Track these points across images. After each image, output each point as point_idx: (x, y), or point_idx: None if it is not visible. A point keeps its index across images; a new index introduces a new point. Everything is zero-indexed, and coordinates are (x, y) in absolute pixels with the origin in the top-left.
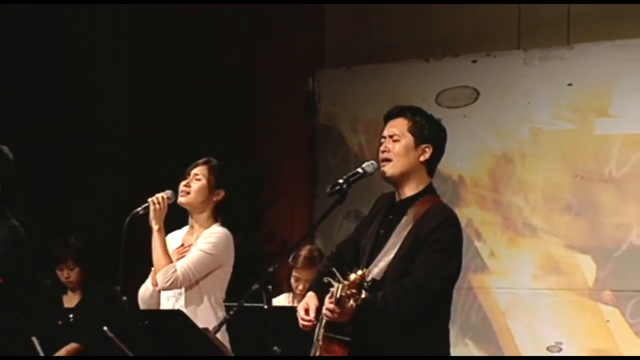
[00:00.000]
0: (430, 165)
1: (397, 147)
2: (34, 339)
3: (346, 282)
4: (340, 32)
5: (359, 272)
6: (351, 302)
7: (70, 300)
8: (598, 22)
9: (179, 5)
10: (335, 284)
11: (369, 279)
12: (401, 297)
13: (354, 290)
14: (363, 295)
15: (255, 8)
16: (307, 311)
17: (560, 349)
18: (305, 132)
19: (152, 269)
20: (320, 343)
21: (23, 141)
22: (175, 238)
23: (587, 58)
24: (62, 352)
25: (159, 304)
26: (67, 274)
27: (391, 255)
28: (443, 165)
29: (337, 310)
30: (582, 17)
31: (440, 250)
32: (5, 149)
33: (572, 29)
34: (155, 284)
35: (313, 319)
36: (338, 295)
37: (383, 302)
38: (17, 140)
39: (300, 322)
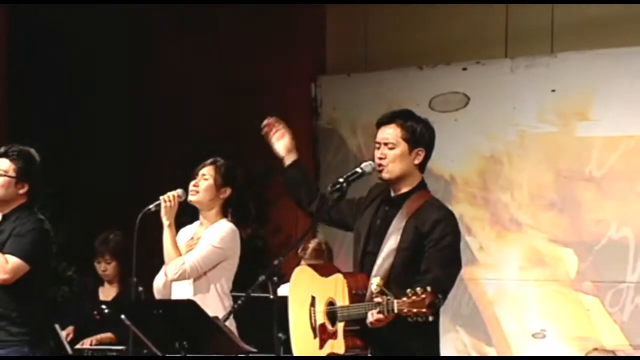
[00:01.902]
0: (423, 165)
1: (392, 155)
2: (56, 326)
3: (405, 299)
4: (340, 42)
5: (428, 289)
6: (416, 319)
7: (107, 292)
8: (580, 33)
9: (190, 14)
10: (386, 298)
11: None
12: None
13: (424, 310)
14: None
15: (262, 20)
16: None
17: (545, 336)
18: (308, 134)
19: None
20: (343, 339)
21: (55, 144)
22: (186, 232)
23: (570, 66)
24: (95, 340)
25: (171, 293)
26: (104, 267)
27: (394, 247)
28: (436, 166)
29: (385, 321)
30: (565, 28)
31: (450, 245)
32: (32, 150)
33: (556, 39)
34: (166, 275)
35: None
36: (396, 311)
37: None
38: (49, 143)
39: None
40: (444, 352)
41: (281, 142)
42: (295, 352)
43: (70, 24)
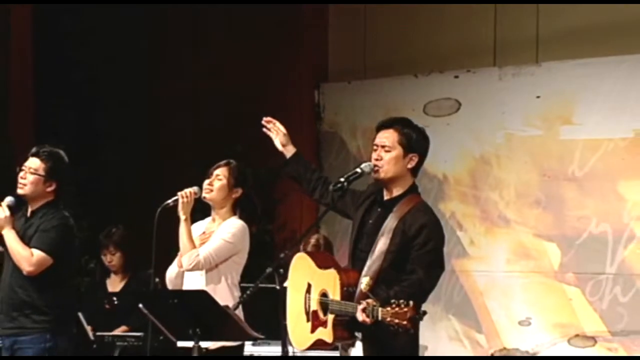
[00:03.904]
0: (415, 170)
1: (387, 157)
2: (80, 314)
3: (389, 309)
4: (341, 52)
5: (411, 304)
6: (397, 329)
7: (114, 283)
8: (563, 44)
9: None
10: (372, 303)
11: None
12: (410, 294)
13: (404, 323)
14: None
15: (270, 33)
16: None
17: (530, 324)
18: (312, 137)
19: (179, 252)
20: (332, 330)
21: (77, 145)
22: (199, 227)
23: (553, 74)
24: (113, 333)
25: (182, 283)
26: (110, 259)
27: (383, 249)
28: (430, 166)
29: (369, 323)
30: (549, 39)
31: (434, 249)
32: (62, 152)
33: (541, 49)
34: (180, 266)
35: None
36: (379, 318)
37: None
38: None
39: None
40: (437, 339)
41: (277, 139)
42: (290, 331)
43: (91, 27)
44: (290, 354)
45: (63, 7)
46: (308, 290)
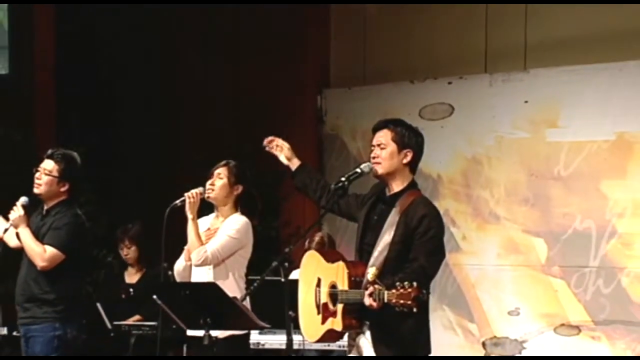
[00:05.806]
0: (412, 165)
1: (384, 154)
2: (98, 305)
3: (394, 291)
4: (342, 60)
5: (414, 285)
6: (402, 309)
7: (131, 276)
8: (549, 52)
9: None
10: (378, 287)
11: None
12: (413, 280)
13: (409, 302)
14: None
15: (276, 41)
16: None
17: (519, 314)
18: (314, 139)
19: (185, 247)
20: (342, 319)
21: (97, 148)
22: (203, 223)
23: (541, 80)
24: (129, 322)
25: (190, 275)
26: (126, 252)
27: (388, 241)
28: (425, 166)
29: (376, 307)
30: (537, 48)
31: (434, 237)
32: (75, 154)
33: (529, 57)
34: (187, 260)
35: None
36: (385, 300)
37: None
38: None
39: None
40: (432, 328)
41: (282, 155)
42: (302, 325)
43: (108, 30)
44: (297, 343)
45: (85, 10)
46: (318, 285)
